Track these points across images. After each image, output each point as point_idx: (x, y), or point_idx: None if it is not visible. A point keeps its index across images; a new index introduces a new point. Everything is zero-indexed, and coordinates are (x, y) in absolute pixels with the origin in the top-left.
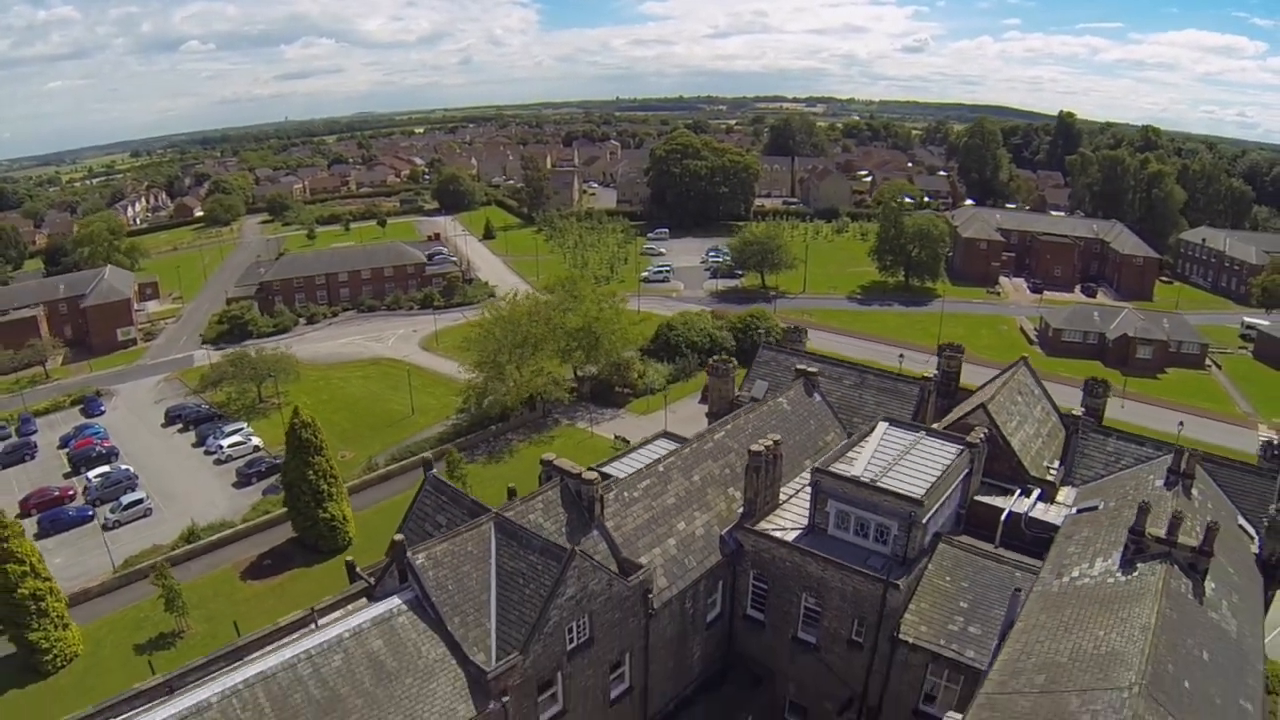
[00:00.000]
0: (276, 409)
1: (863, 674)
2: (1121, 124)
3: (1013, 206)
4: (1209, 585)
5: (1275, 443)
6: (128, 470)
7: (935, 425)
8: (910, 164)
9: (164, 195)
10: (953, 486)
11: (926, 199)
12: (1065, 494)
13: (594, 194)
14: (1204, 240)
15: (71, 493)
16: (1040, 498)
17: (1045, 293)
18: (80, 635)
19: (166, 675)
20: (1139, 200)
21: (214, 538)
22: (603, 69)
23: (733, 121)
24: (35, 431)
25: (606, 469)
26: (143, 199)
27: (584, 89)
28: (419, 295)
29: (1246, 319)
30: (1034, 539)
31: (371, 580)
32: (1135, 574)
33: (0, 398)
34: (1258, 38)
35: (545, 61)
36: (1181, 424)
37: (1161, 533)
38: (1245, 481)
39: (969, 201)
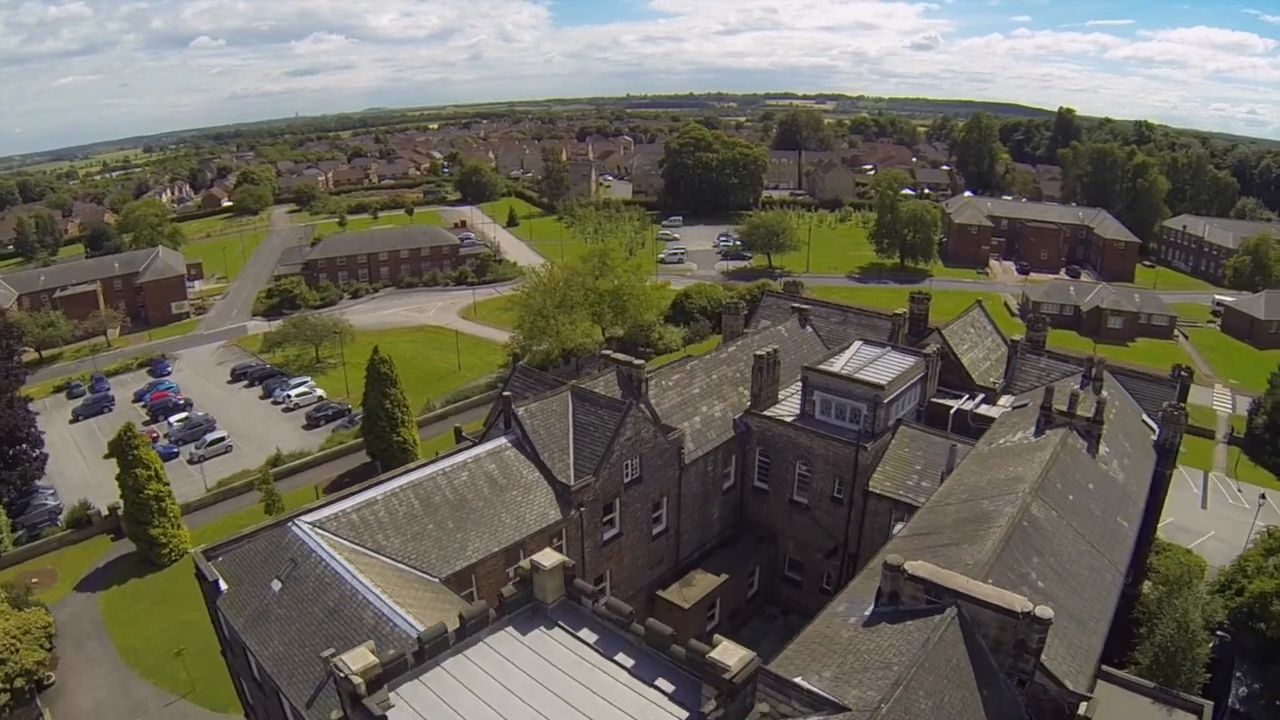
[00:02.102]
0: (333, 368)
1: (844, 525)
2: (1119, 120)
3: (1009, 198)
4: (1103, 448)
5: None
6: (206, 415)
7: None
8: (915, 159)
9: (188, 187)
10: (910, 382)
11: (927, 190)
12: (1005, 399)
13: (609, 186)
14: (1185, 227)
15: (155, 435)
16: (984, 400)
17: (1031, 274)
18: (189, 536)
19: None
20: (1125, 190)
21: (296, 463)
22: (613, 65)
23: (742, 118)
24: (108, 389)
25: None
26: (168, 190)
27: (595, 85)
28: (454, 273)
29: (1217, 297)
30: (977, 430)
31: (474, 441)
32: (1044, 436)
33: (69, 363)
34: (1268, 35)
35: (556, 58)
36: None
37: (1064, 408)
38: (1154, 390)
39: (968, 193)
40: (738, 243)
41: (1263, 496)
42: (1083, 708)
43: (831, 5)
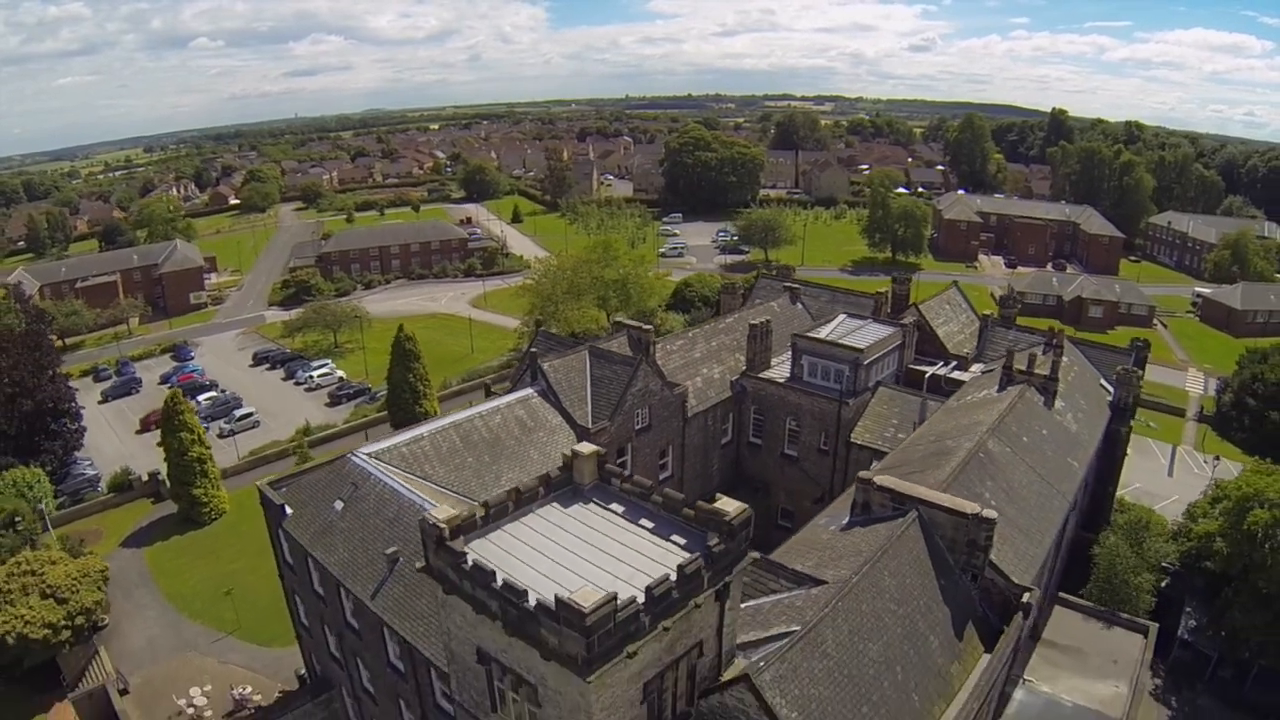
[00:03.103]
0: (351, 352)
1: (829, 474)
2: (1111, 120)
3: (1000, 196)
4: (1059, 403)
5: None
6: (233, 393)
7: None
8: (910, 159)
9: (193, 185)
10: (888, 349)
11: (921, 189)
12: (976, 367)
13: (610, 185)
14: (1169, 223)
15: None
16: (957, 366)
17: (1019, 268)
18: (228, 498)
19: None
20: (1112, 187)
21: (324, 434)
22: (612, 67)
23: (741, 119)
24: (134, 372)
25: None
26: (174, 188)
27: (593, 87)
28: (463, 265)
29: (1197, 289)
30: (949, 391)
31: (501, 394)
32: (1005, 392)
33: (92, 349)
34: (1265, 37)
35: (554, 59)
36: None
37: (1023, 368)
38: (1113, 358)
39: (960, 191)
40: (735, 238)
41: (1217, 458)
42: (1026, 596)
43: (829, 7)
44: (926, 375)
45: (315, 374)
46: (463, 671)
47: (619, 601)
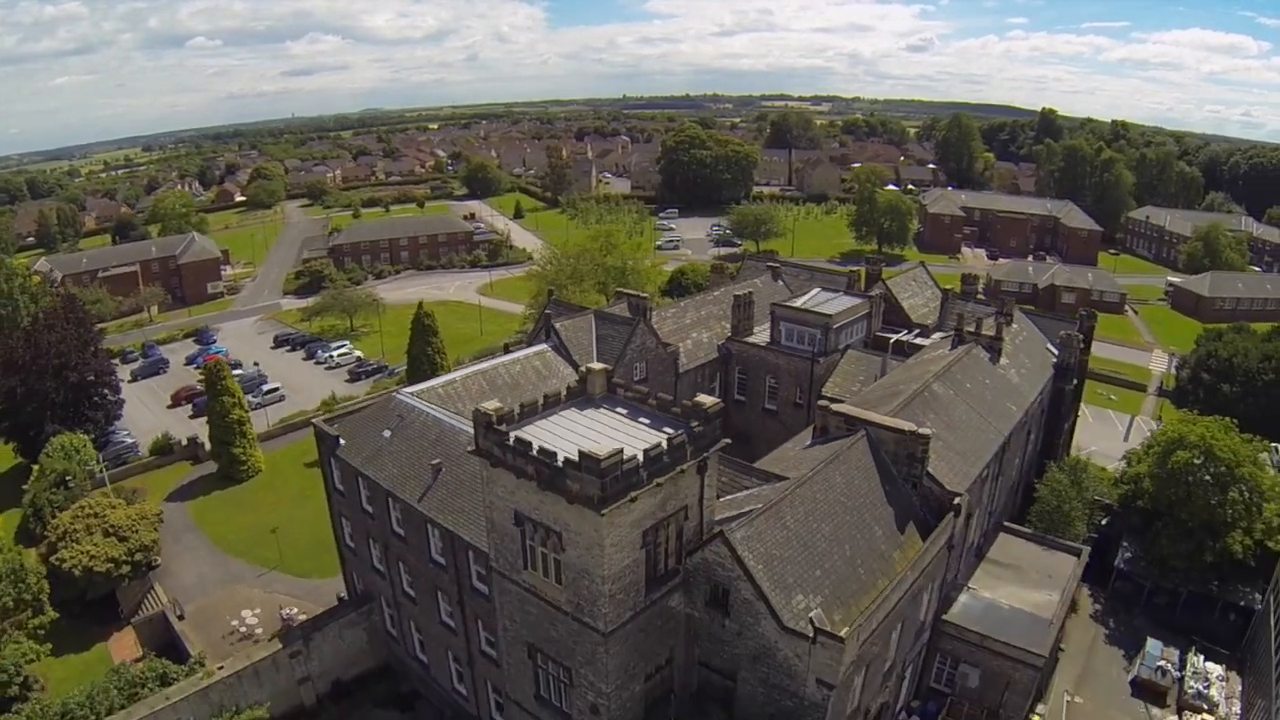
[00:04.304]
0: (366, 335)
1: (803, 425)
2: (1100, 120)
3: (986, 192)
4: (1004, 360)
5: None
6: (259, 370)
7: None
8: (902, 158)
9: (197, 184)
10: (856, 316)
11: (910, 186)
12: (936, 335)
13: (608, 183)
14: (1148, 217)
15: None
16: (919, 334)
17: (1000, 260)
18: (264, 458)
19: None
20: (1094, 184)
21: (348, 404)
22: (609, 67)
23: (737, 119)
24: (160, 354)
25: None
26: (178, 186)
27: (591, 87)
28: (469, 257)
29: (1170, 278)
30: (910, 355)
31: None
32: (956, 350)
33: (115, 335)
34: (1263, 37)
35: (552, 59)
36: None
37: (972, 329)
38: (1059, 325)
39: (949, 188)
40: (728, 231)
41: (1159, 417)
42: (957, 500)
43: (827, 7)
44: (891, 341)
45: (335, 354)
46: (501, 538)
47: (624, 455)
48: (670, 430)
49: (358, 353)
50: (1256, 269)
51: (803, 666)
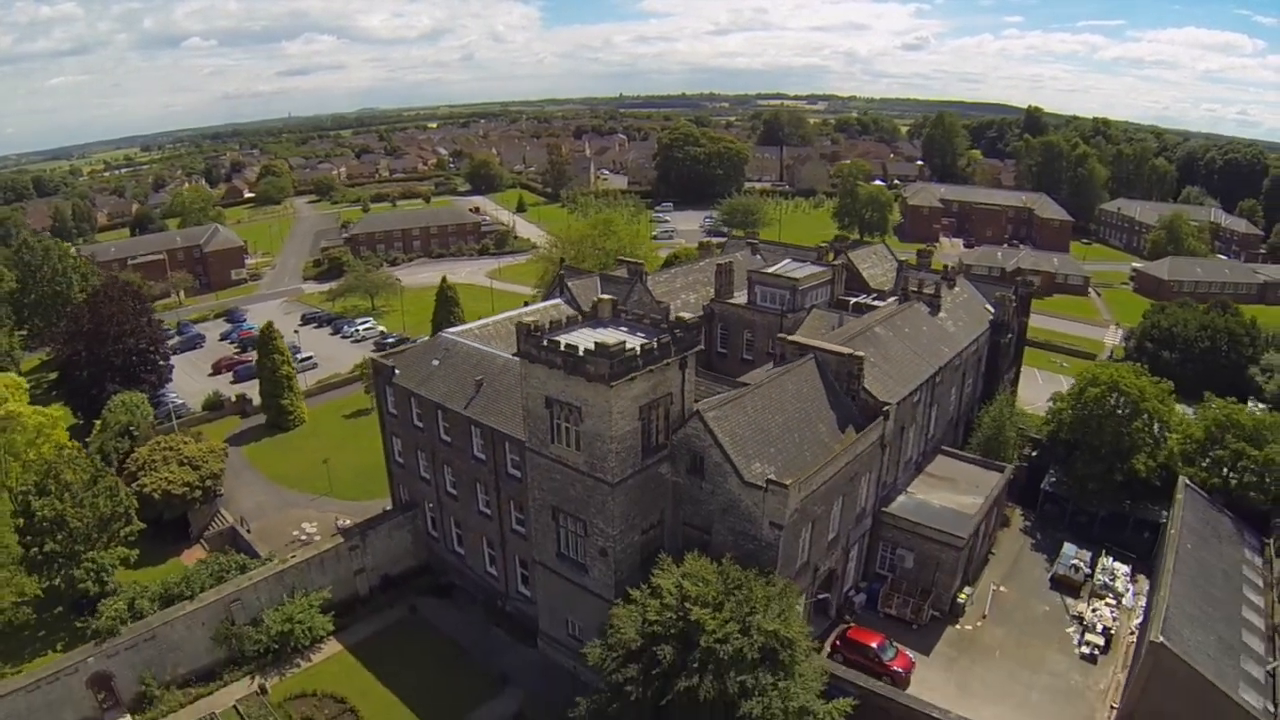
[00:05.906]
0: (386, 315)
1: None
2: (1084, 117)
3: (965, 185)
4: (943, 314)
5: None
6: (292, 343)
7: None
8: (891, 155)
9: (203, 181)
10: (821, 281)
11: (897, 181)
12: (891, 300)
13: (606, 179)
14: (1119, 209)
15: (249, 359)
16: (877, 298)
17: (976, 248)
18: (306, 410)
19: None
20: (1069, 178)
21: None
22: (606, 66)
23: (733, 118)
24: (195, 331)
25: None
26: (186, 183)
27: (587, 86)
28: (477, 246)
29: (1134, 264)
30: (867, 312)
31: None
32: (900, 306)
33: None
34: (1258, 35)
35: (547, 59)
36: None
37: (915, 288)
38: (998, 287)
39: (931, 182)
40: (719, 222)
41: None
42: (886, 409)
43: (822, 5)
44: (851, 303)
45: (360, 329)
46: (535, 420)
47: (626, 346)
48: (663, 339)
49: (381, 327)
50: (1222, 256)
51: (759, 512)
